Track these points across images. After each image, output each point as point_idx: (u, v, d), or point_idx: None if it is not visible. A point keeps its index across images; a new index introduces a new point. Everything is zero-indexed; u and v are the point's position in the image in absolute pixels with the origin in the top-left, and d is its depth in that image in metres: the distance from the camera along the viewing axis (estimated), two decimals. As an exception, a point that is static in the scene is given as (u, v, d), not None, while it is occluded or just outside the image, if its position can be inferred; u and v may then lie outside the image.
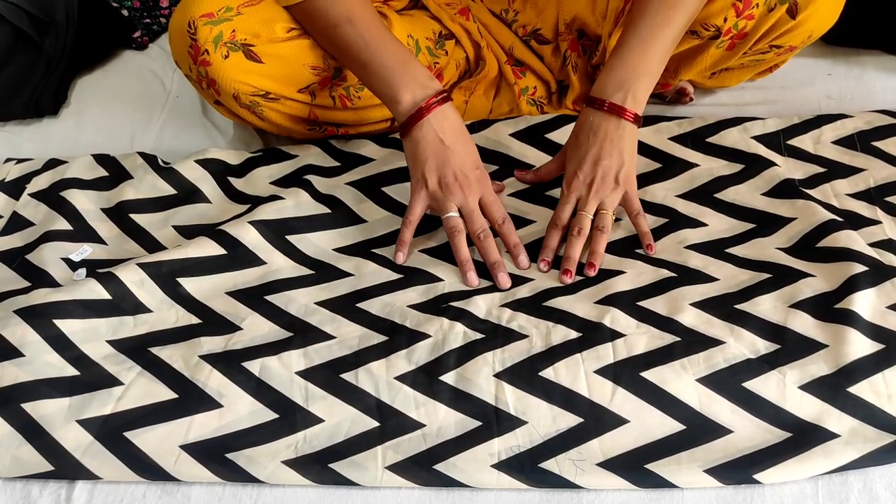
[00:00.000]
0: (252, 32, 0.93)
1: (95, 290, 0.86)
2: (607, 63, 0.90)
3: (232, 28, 0.92)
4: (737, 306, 0.82)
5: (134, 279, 0.88)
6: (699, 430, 0.73)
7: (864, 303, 0.79)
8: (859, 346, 0.76)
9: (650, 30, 0.88)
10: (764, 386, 0.75)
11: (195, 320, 0.87)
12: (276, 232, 0.94)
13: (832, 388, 0.74)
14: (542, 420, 0.75)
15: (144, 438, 0.76)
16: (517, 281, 0.88)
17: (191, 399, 0.79)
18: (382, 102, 0.93)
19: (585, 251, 0.90)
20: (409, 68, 0.90)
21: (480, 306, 0.84)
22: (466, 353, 0.79)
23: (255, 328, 0.86)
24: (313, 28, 0.95)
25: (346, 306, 0.86)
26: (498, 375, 0.78)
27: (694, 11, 0.90)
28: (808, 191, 0.94)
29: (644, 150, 1.00)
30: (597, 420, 0.74)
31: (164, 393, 0.79)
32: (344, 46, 0.93)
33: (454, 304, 0.85)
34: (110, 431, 0.77)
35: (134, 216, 1.00)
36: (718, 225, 0.92)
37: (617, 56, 0.89)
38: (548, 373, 0.77)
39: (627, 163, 0.90)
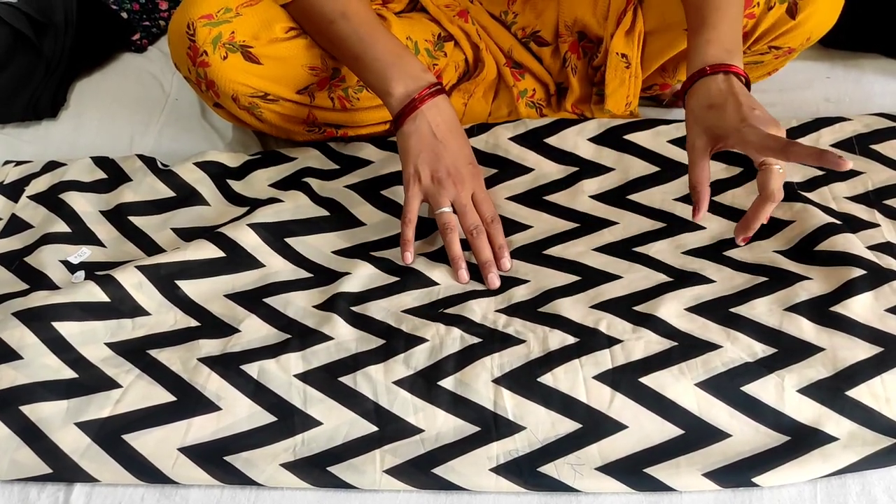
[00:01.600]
0: (251, 34, 0.93)
1: (94, 293, 0.86)
2: (694, 44, 0.84)
3: (231, 30, 0.92)
4: (732, 310, 0.82)
5: (132, 282, 0.88)
6: (698, 434, 0.73)
7: (863, 306, 0.80)
8: (858, 349, 0.76)
9: (726, 7, 0.84)
10: (763, 390, 0.75)
11: (193, 323, 0.87)
12: (275, 235, 0.94)
13: (831, 391, 0.74)
14: (541, 425, 0.75)
15: (143, 441, 0.76)
16: (511, 283, 0.88)
17: (189, 402, 0.79)
18: (377, 96, 0.92)
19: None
20: (402, 62, 0.90)
21: (475, 311, 0.84)
22: (465, 358, 0.79)
23: (254, 331, 0.86)
24: (309, 25, 0.95)
25: (343, 309, 0.86)
26: (496, 381, 0.78)
27: None
28: (806, 194, 0.94)
29: (642, 153, 1.00)
30: (595, 425, 0.74)
31: (162, 395, 0.79)
32: (339, 42, 0.92)
33: (448, 311, 0.85)
34: (108, 434, 0.76)
35: (132, 218, 1.00)
36: (716, 228, 0.92)
37: (704, 34, 0.83)
38: (546, 378, 0.77)
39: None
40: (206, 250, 0.92)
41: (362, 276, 0.90)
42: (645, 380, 0.76)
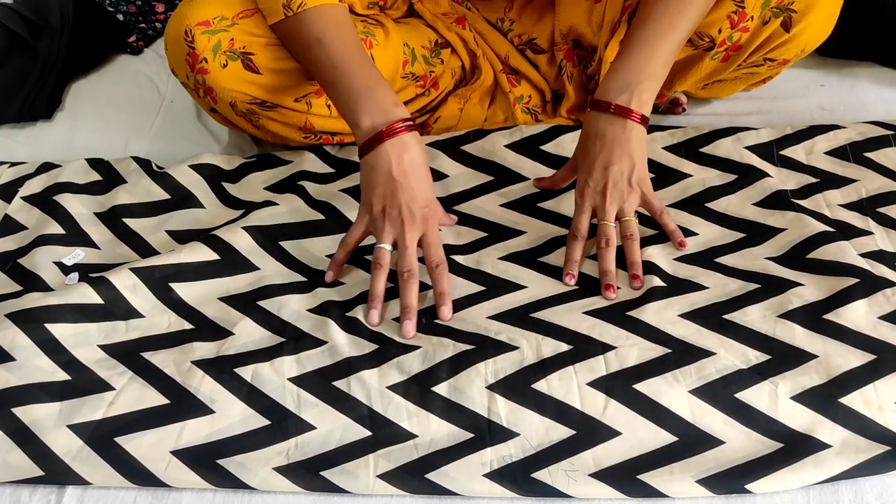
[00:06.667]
0: (249, 42, 0.93)
1: (87, 295, 0.86)
2: (611, 66, 0.89)
3: (230, 37, 0.92)
4: (725, 316, 0.82)
5: (126, 284, 0.88)
6: (692, 441, 0.73)
7: (856, 314, 0.80)
8: (851, 357, 0.77)
9: (655, 33, 0.87)
10: (756, 397, 0.75)
11: (187, 325, 0.87)
12: (270, 238, 0.94)
13: (824, 398, 0.74)
14: (535, 432, 0.75)
15: (135, 444, 0.76)
16: (505, 288, 0.88)
17: (182, 404, 0.78)
18: (349, 126, 0.89)
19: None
20: (374, 94, 0.87)
21: (465, 321, 0.84)
22: (459, 364, 0.79)
23: (248, 334, 0.85)
24: (291, 48, 0.93)
25: (337, 314, 0.86)
26: (490, 387, 0.78)
27: (698, 18, 0.89)
28: (800, 201, 0.94)
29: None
30: (589, 432, 0.74)
31: (155, 398, 0.79)
32: (314, 67, 0.90)
33: (439, 321, 0.85)
34: (101, 436, 0.76)
35: (127, 220, 1.00)
36: (709, 234, 0.92)
37: (621, 59, 0.88)
38: (540, 385, 0.77)
39: (638, 164, 0.88)
40: (201, 253, 0.91)
41: (355, 280, 0.90)
42: (639, 386, 0.76)
